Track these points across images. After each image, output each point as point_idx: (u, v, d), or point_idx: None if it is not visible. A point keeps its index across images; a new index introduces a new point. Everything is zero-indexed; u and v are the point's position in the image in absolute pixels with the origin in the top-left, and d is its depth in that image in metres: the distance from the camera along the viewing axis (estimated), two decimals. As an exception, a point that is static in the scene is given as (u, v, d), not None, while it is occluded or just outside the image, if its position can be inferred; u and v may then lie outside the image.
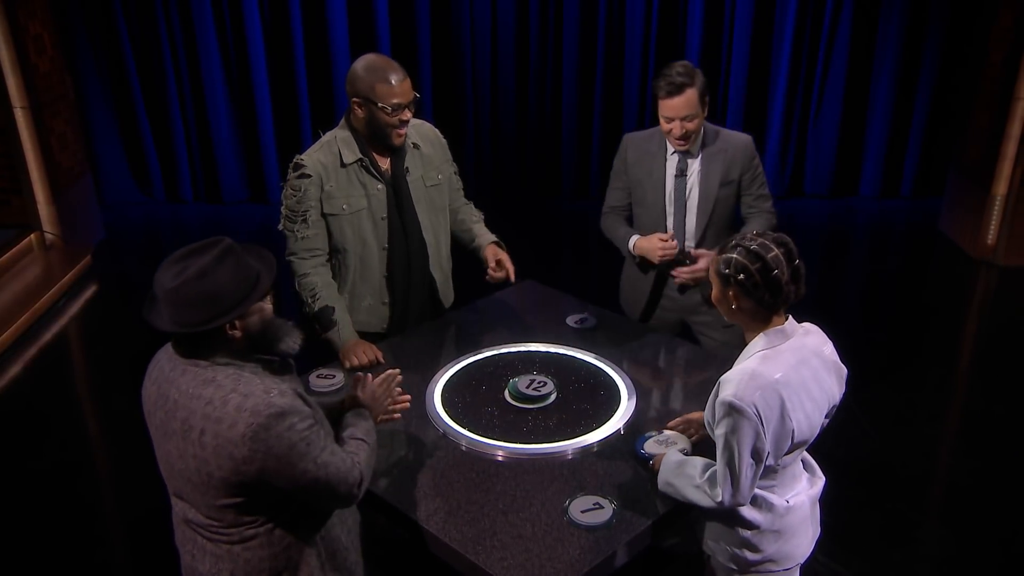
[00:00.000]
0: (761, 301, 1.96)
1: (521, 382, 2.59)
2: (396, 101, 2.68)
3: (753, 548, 2.10)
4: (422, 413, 2.53)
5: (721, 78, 6.62)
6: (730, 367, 2.03)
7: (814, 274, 2.04)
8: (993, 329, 5.19)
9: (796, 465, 2.13)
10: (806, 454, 2.21)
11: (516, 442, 2.38)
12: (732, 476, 1.94)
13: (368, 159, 2.80)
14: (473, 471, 2.29)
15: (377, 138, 2.78)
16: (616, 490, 2.20)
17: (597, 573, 1.99)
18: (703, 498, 2.02)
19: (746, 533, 2.09)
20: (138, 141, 6.72)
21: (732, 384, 1.93)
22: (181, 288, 1.70)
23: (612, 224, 3.20)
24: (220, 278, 1.72)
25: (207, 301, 1.71)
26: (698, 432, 2.33)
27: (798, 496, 2.11)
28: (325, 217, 2.81)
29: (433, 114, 6.52)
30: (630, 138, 3.13)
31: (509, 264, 2.92)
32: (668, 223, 3.05)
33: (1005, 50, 5.55)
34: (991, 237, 5.76)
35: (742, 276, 1.94)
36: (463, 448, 2.38)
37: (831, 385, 2.07)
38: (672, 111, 2.84)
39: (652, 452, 2.28)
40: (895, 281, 5.92)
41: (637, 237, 3.08)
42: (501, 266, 2.91)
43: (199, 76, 6.51)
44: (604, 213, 3.23)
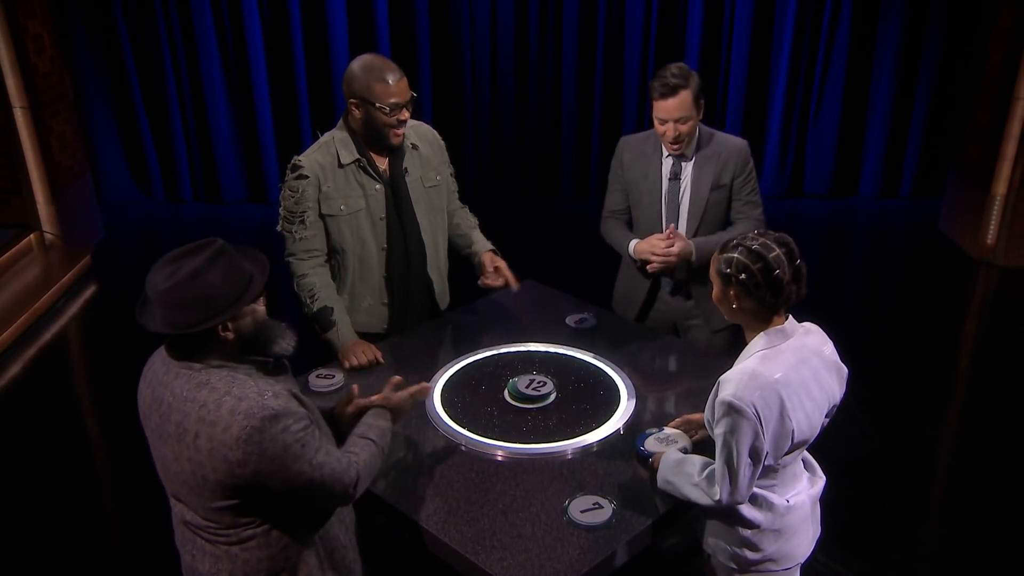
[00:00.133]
0: (762, 301, 1.96)
1: (521, 382, 2.59)
2: (394, 101, 2.67)
3: (753, 547, 2.10)
4: (422, 413, 2.53)
5: (721, 78, 6.62)
6: (730, 366, 2.03)
7: (814, 274, 2.04)
8: (993, 329, 5.19)
9: (797, 465, 2.12)
10: (807, 454, 2.21)
11: (516, 442, 2.38)
12: (730, 475, 1.94)
13: (366, 159, 2.79)
14: (473, 471, 2.29)
15: (375, 138, 2.77)
16: (616, 490, 2.20)
17: (597, 573, 1.99)
18: (701, 496, 2.02)
19: (746, 532, 2.09)
20: (138, 141, 6.72)
21: (731, 384, 1.93)
22: (173, 289, 1.70)
23: (611, 228, 3.19)
24: (212, 279, 1.72)
25: (199, 302, 1.71)
26: (698, 432, 2.33)
27: (799, 496, 2.11)
28: (323, 218, 2.81)
29: (432, 114, 6.52)
30: (626, 141, 3.12)
31: (508, 272, 2.90)
32: (662, 226, 3.05)
33: (1005, 50, 5.55)
34: (991, 237, 5.76)
35: (743, 276, 1.94)
36: (463, 448, 2.38)
37: (831, 385, 2.06)
38: (665, 112, 2.83)
39: (652, 450, 2.28)
40: (895, 281, 5.92)
41: (636, 241, 3.07)
42: (499, 273, 2.89)
43: (199, 76, 6.51)
44: (604, 218, 3.22)
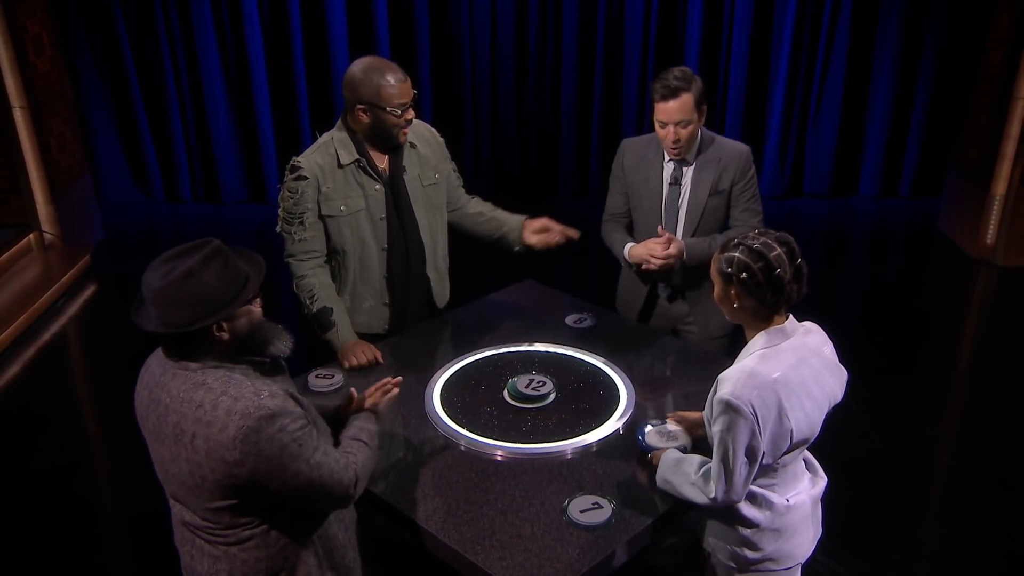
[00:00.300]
0: (763, 300, 1.96)
1: (520, 382, 2.59)
2: (401, 101, 2.68)
3: (753, 547, 2.10)
4: (421, 413, 2.53)
5: (720, 78, 6.62)
6: (729, 366, 2.03)
7: (813, 274, 2.04)
8: (992, 329, 5.19)
9: (797, 464, 2.13)
10: (808, 454, 2.21)
11: (515, 442, 2.38)
12: (726, 473, 1.95)
13: (366, 159, 2.79)
14: (472, 471, 2.29)
15: (381, 139, 2.77)
16: (615, 490, 2.20)
17: (596, 573, 1.99)
18: (698, 495, 2.03)
19: (746, 531, 2.09)
20: (137, 141, 6.72)
21: (730, 382, 1.94)
22: (167, 288, 1.70)
23: (610, 231, 3.17)
24: (207, 279, 1.72)
25: (193, 302, 1.70)
26: (692, 430, 2.33)
27: (799, 495, 2.11)
28: (323, 219, 2.80)
29: (432, 115, 6.52)
30: (628, 143, 3.11)
31: (557, 225, 2.97)
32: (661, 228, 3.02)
33: (1004, 50, 5.55)
34: (990, 237, 5.76)
35: (744, 275, 1.94)
36: (462, 448, 2.38)
37: (832, 384, 2.07)
38: (666, 115, 2.80)
39: (652, 443, 2.29)
40: (894, 281, 5.92)
41: (632, 244, 3.05)
42: (551, 229, 2.96)
43: (198, 76, 6.51)
44: (604, 220, 3.20)
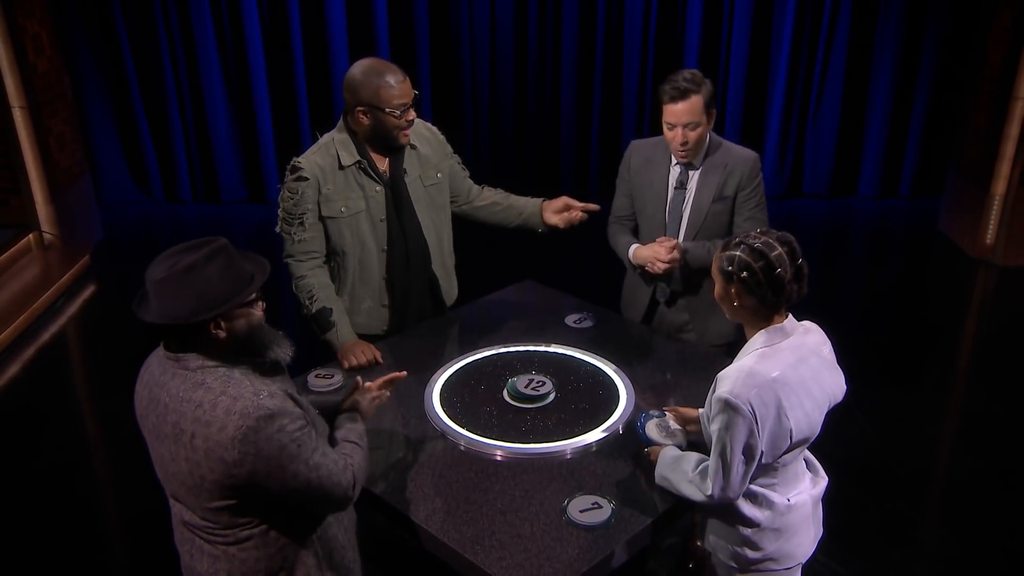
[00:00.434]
0: (763, 299, 1.96)
1: (520, 382, 2.59)
2: (401, 102, 2.67)
3: (753, 546, 2.10)
4: (421, 413, 2.53)
5: (720, 78, 6.62)
6: (729, 364, 2.03)
7: (813, 274, 2.05)
8: (992, 329, 5.19)
9: (798, 464, 2.13)
10: (809, 454, 2.21)
11: (515, 442, 2.38)
12: (724, 471, 1.96)
13: (366, 161, 2.78)
14: (472, 471, 2.29)
15: (382, 140, 2.76)
16: (615, 490, 2.20)
17: (596, 572, 1.99)
18: (695, 492, 2.04)
19: (747, 531, 2.10)
20: (137, 141, 6.72)
21: (728, 381, 1.94)
22: (168, 280, 1.71)
23: (615, 233, 3.14)
24: (208, 275, 1.73)
25: (191, 295, 1.72)
26: (689, 427, 2.33)
27: (800, 495, 2.11)
28: (323, 220, 2.80)
29: (432, 115, 6.52)
30: (636, 145, 3.08)
31: (577, 203, 2.98)
32: (664, 234, 3.00)
33: (1004, 50, 5.55)
34: (990, 237, 5.76)
35: (745, 274, 1.95)
36: (462, 448, 2.38)
37: (831, 384, 2.07)
38: (675, 117, 2.77)
39: (651, 436, 2.29)
40: (894, 281, 5.92)
41: (637, 246, 3.03)
42: (573, 207, 2.97)
43: (198, 76, 6.51)
44: (609, 223, 3.18)
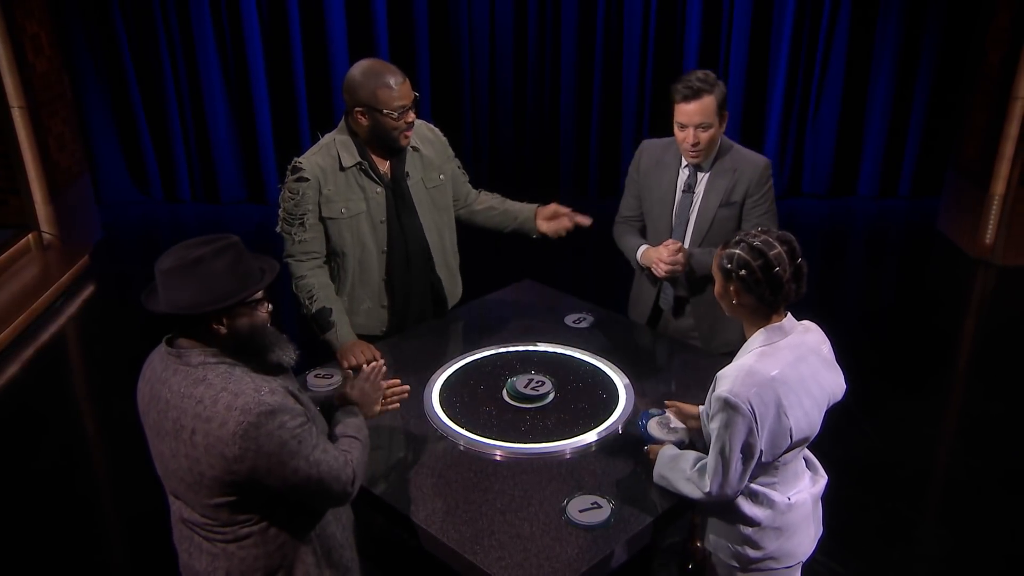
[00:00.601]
0: (762, 298, 1.97)
1: (519, 381, 2.59)
2: (399, 104, 2.66)
3: (754, 545, 2.11)
4: (420, 413, 2.53)
5: (719, 78, 6.61)
6: (729, 363, 2.04)
7: (813, 274, 2.06)
8: (991, 328, 5.19)
9: (798, 463, 2.13)
10: (808, 452, 2.22)
11: (514, 442, 2.38)
12: (722, 469, 1.97)
13: (367, 162, 2.78)
14: (471, 471, 2.29)
15: (383, 142, 2.76)
16: (614, 489, 2.20)
17: (595, 572, 1.99)
18: (693, 490, 2.05)
19: (747, 530, 2.10)
20: (136, 141, 6.72)
21: (728, 380, 1.95)
22: (175, 270, 1.74)
23: (622, 234, 3.10)
24: (215, 269, 1.75)
25: (196, 287, 1.74)
26: (689, 422, 2.33)
27: (800, 494, 2.12)
28: (323, 221, 2.80)
29: (432, 115, 6.51)
30: (646, 145, 3.03)
31: (566, 210, 2.98)
32: (670, 235, 2.95)
33: (1003, 49, 5.55)
34: (989, 237, 5.76)
35: (744, 272, 1.96)
36: (461, 448, 2.38)
37: (831, 382, 2.08)
38: (686, 117, 2.73)
39: (653, 433, 2.30)
40: (893, 281, 5.92)
41: (646, 247, 2.98)
42: (566, 216, 2.96)
43: (197, 75, 6.50)
44: (616, 222, 3.15)
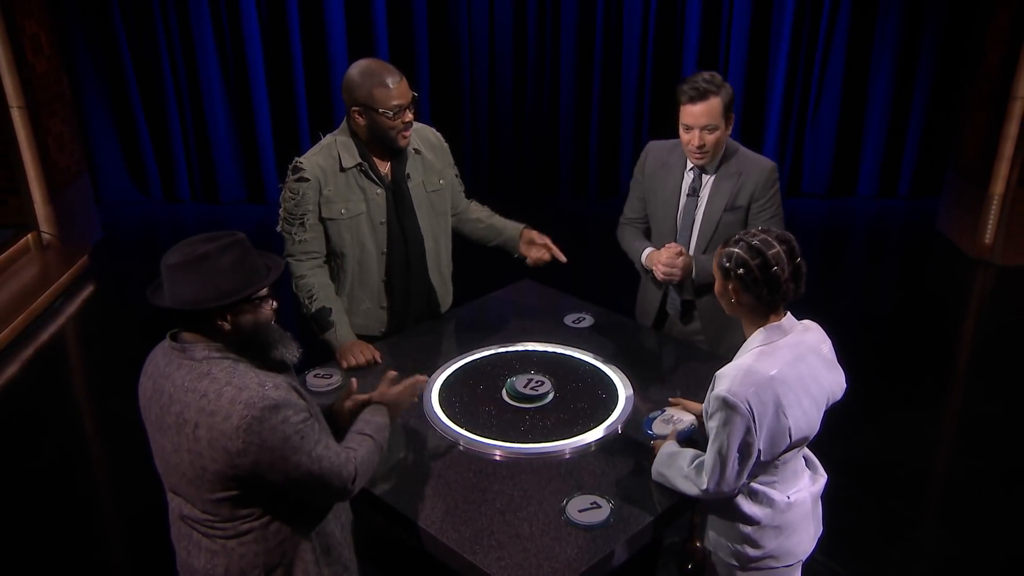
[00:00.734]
0: (759, 297, 1.98)
1: (519, 381, 2.59)
2: (396, 104, 2.65)
3: (754, 544, 2.11)
4: (420, 413, 2.53)
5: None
6: (728, 362, 2.04)
7: (812, 274, 2.06)
8: (991, 328, 5.19)
9: (798, 462, 2.14)
10: (808, 452, 2.23)
11: (514, 442, 2.38)
12: (720, 467, 1.98)
13: (368, 163, 2.77)
14: (471, 471, 2.29)
15: (381, 143, 2.75)
16: (614, 489, 2.20)
17: (595, 572, 1.99)
18: (690, 487, 2.06)
19: (747, 529, 2.10)
20: (135, 141, 6.72)
21: (727, 379, 1.96)
22: (181, 265, 1.75)
23: (626, 235, 3.09)
24: (220, 265, 1.76)
25: (201, 283, 1.74)
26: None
27: (800, 493, 2.12)
28: (323, 221, 2.79)
29: (431, 115, 6.52)
30: (652, 147, 3.01)
31: (554, 247, 2.99)
32: (675, 239, 2.94)
33: (1002, 49, 5.55)
34: (988, 236, 5.76)
35: (741, 271, 1.96)
36: (461, 448, 2.38)
37: (830, 382, 2.08)
38: (692, 118, 2.70)
39: (659, 433, 2.31)
40: (893, 281, 5.92)
41: (651, 250, 2.96)
42: (547, 248, 2.97)
43: (196, 75, 6.50)
44: (621, 223, 3.13)
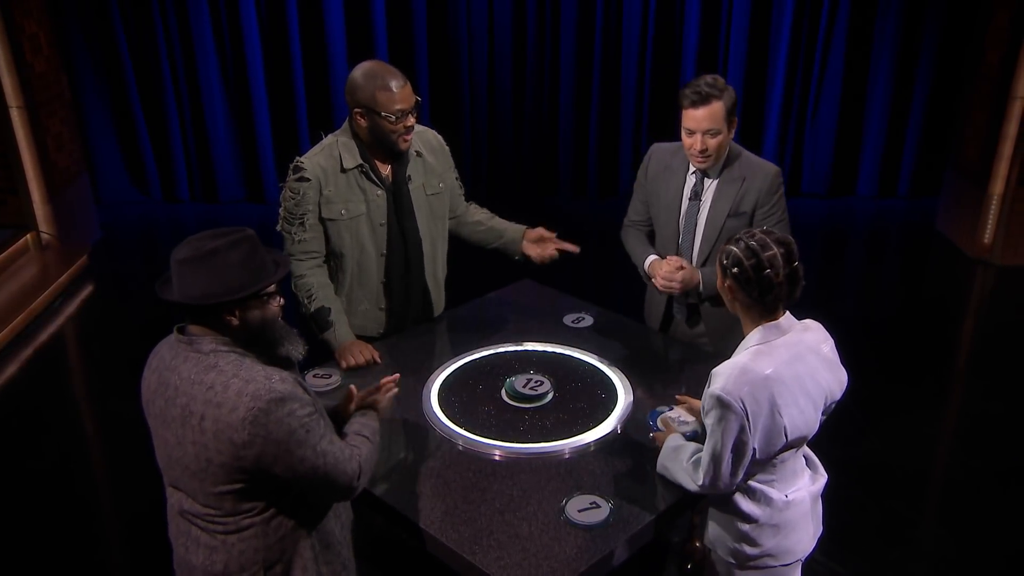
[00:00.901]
0: (752, 296, 2.00)
1: (518, 381, 2.59)
2: (399, 108, 2.65)
3: (751, 542, 2.12)
4: (419, 413, 2.53)
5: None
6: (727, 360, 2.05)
7: (812, 273, 2.07)
8: (990, 328, 5.19)
9: (797, 461, 2.14)
10: (809, 451, 2.23)
11: (513, 441, 2.38)
12: (713, 464, 2.00)
13: (369, 165, 2.77)
14: (470, 471, 2.29)
15: (382, 145, 2.75)
16: (613, 489, 2.20)
17: (594, 572, 1.99)
18: (688, 481, 2.09)
19: (744, 527, 2.11)
20: (134, 140, 6.71)
21: (722, 378, 1.97)
22: (188, 261, 1.76)
23: (631, 239, 3.07)
24: (229, 261, 1.77)
25: (209, 278, 1.76)
26: (699, 416, 2.34)
27: (798, 492, 2.13)
28: (323, 222, 2.79)
29: (430, 116, 6.51)
30: (656, 149, 2.99)
31: (553, 236, 3.02)
32: (677, 244, 2.93)
33: (1002, 49, 5.55)
34: (988, 236, 5.77)
35: (736, 269, 1.99)
36: (460, 448, 2.38)
37: (829, 381, 2.08)
38: (695, 123, 2.66)
39: (662, 427, 2.33)
40: (892, 280, 5.92)
41: (654, 258, 2.94)
42: (553, 242, 3.00)
43: (195, 75, 6.50)
44: (624, 225, 3.12)
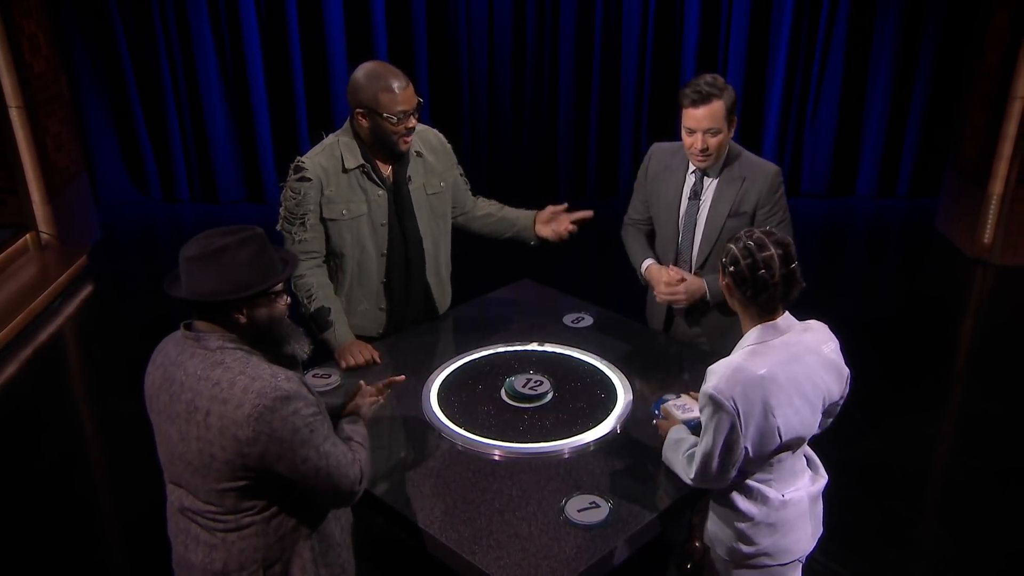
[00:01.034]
0: (747, 296, 2.01)
1: (517, 381, 2.59)
2: (401, 109, 2.65)
3: (748, 540, 2.12)
4: (419, 412, 2.53)
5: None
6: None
7: (811, 273, 2.07)
8: (989, 328, 5.20)
9: (797, 461, 2.14)
10: (810, 451, 2.23)
11: (512, 441, 2.38)
12: (703, 460, 2.03)
13: (370, 165, 2.77)
14: (469, 470, 2.29)
15: (383, 146, 2.75)
16: (612, 489, 2.20)
17: (594, 572, 1.99)
18: (683, 474, 2.14)
19: (741, 525, 2.12)
20: (134, 140, 6.71)
21: (715, 376, 1.99)
22: (197, 259, 1.77)
23: (630, 239, 3.08)
24: (238, 259, 1.78)
25: (218, 276, 1.77)
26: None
27: (797, 492, 2.13)
28: (324, 221, 2.79)
29: (430, 116, 6.51)
30: (656, 149, 2.99)
31: (563, 210, 2.98)
32: (677, 245, 2.92)
33: (1001, 49, 5.56)
34: (987, 236, 5.77)
35: (732, 268, 2.01)
36: (459, 447, 2.38)
37: (828, 382, 2.08)
38: (695, 122, 2.66)
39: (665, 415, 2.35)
40: (892, 280, 5.92)
41: (651, 263, 2.95)
42: (565, 215, 2.97)
43: (195, 75, 6.50)
44: (625, 224, 3.12)
